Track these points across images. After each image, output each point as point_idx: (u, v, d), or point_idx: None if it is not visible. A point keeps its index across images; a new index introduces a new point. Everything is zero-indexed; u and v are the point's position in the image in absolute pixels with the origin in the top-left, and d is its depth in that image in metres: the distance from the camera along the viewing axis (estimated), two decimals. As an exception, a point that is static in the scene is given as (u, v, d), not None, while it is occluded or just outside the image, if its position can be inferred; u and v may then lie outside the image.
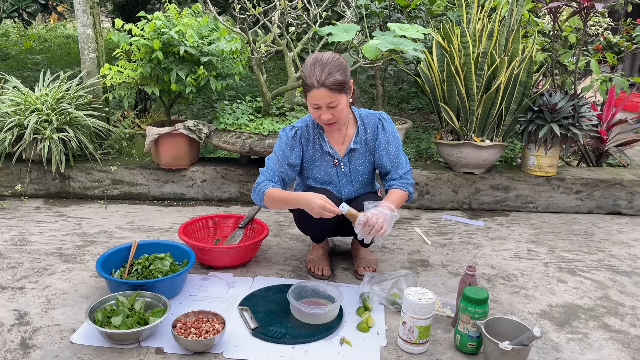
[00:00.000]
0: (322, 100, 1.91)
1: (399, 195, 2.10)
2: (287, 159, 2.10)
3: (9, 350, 1.69)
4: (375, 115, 2.15)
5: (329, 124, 2.00)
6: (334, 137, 2.15)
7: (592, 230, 2.96)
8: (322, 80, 1.88)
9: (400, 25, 2.78)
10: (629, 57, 6.57)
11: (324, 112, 1.95)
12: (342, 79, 1.91)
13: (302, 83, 1.97)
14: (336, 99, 1.92)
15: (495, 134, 3.19)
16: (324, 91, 1.89)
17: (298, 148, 2.12)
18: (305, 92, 1.97)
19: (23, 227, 2.72)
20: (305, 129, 2.13)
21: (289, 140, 2.11)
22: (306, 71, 1.94)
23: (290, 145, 2.10)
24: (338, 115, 1.96)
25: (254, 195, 2.10)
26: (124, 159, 3.36)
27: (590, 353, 1.79)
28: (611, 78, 3.71)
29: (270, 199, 2.04)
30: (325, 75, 1.88)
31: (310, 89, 1.91)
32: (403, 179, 2.15)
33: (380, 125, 2.14)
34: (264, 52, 3.12)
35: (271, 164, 2.11)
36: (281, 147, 2.11)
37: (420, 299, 1.70)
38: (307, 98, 1.97)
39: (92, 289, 2.09)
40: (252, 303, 1.99)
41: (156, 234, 2.68)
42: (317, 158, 2.15)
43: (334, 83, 1.89)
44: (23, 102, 3.06)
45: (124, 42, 2.88)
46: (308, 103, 1.98)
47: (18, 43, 7.66)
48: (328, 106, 1.93)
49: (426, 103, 5.30)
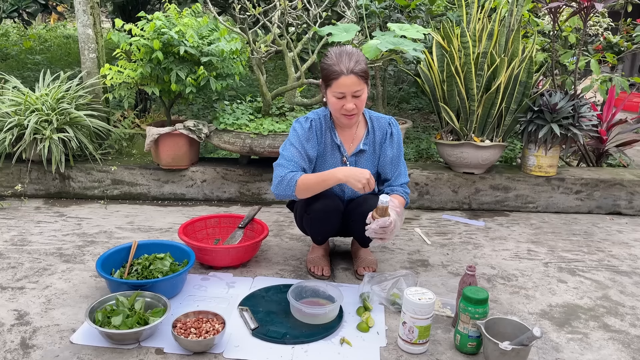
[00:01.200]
0: (350, 87, 1.92)
1: (401, 201, 2.13)
2: (306, 151, 2.06)
3: (9, 350, 1.69)
4: (385, 119, 2.17)
5: (350, 115, 1.99)
6: (344, 134, 2.15)
7: (592, 230, 2.96)
8: (351, 68, 1.90)
9: (400, 26, 2.78)
10: (629, 57, 6.57)
11: (349, 101, 1.95)
12: (367, 69, 1.97)
13: (326, 73, 1.95)
14: (362, 88, 1.95)
15: (495, 134, 3.19)
16: (353, 78, 1.91)
17: (314, 139, 2.10)
18: (330, 80, 1.94)
19: (23, 227, 2.72)
20: (319, 121, 2.12)
21: (304, 132, 2.08)
22: (331, 60, 1.94)
23: (307, 136, 2.08)
24: (360, 105, 1.98)
25: (280, 189, 2.01)
26: (124, 159, 3.36)
27: (590, 353, 1.79)
28: (611, 78, 3.71)
29: (304, 185, 1.96)
30: (354, 63, 1.91)
31: (338, 76, 1.91)
32: (403, 187, 2.19)
33: (390, 130, 2.15)
34: (264, 52, 3.12)
35: (291, 156, 2.04)
36: (298, 138, 2.06)
37: (420, 299, 1.70)
38: (331, 87, 1.95)
39: (92, 289, 2.09)
40: (252, 303, 1.99)
41: (156, 234, 2.69)
42: (327, 153, 2.15)
43: (362, 70, 1.93)
44: (23, 102, 3.06)
45: (124, 42, 2.88)
46: (330, 93, 1.97)
47: (18, 43, 7.66)
48: (353, 95, 1.94)
49: (426, 103, 5.30)
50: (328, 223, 2.14)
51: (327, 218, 2.11)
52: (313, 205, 2.09)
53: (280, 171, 2.03)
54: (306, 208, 2.13)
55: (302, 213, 2.17)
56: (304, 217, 2.16)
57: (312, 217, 2.12)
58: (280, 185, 2.01)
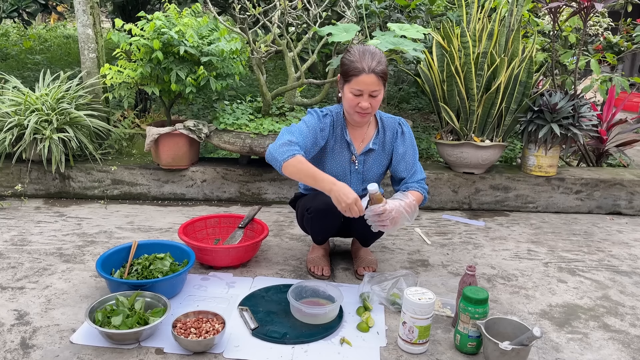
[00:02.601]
0: (369, 86, 1.93)
1: (418, 196, 2.10)
2: (315, 135, 2.03)
3: (9, 350, 1.69)
4: (395, 120, 2.18)
5: (364, 113, 2.00)
6: (355, 133, 2.16)
7: (592, 230, 2.96)
8: (372, 67, 1.92)
9: (400, 25, 2.78)
10: (629, 57, 6.57)
11: (365, 100, 1.96)
12: (387, 70, 1.99)
13: (347, 68, 1.96)
14: (380, 89, 1.97)
15: (495, 134, 3.19)
16: (374, 77, 1.93)
17: (327, 130, 2.09)
18: (350, 76, 1.95)
19: (23, 227, 2.72)
20: (335, 116, 2.13)
21: (320, 119, 2.08)
22: (354, 57, 1.96)
23: (321, 125, 2.07)
24: (375, 105, 2.00)
25: (275, 151, 1.92)
26: (124, 159, 3.36)
27: (590, 353, 1.79)
28: (611, 78, 3.71)
29: (295, 166, 1.89)
30: (376, 63, 1.94)
31: (359, 74, 1.92)
32: (420, 183, 2.15)
33: (400, 130, 2.16)
34: (264, 52, 3.12)
35: (300, 131, 1.99)
36: (312, 122, 2.04)
37: (420, 299, 1.70)
38: (349, 83, 1.95)
39: (92, 289, 2.09)
40: (252, 303, 1.99)
41: (156, 234, 2.68)
42: (337, 149, 2.15)
43: (383, 71, 1.95)
44: (23, 102, 3.06)
45: (124, 42, 2.88)
46: (348, 89, 1.97)
47: (18, 43, 7.67)
48: (370, 94, 1.96)
49: (426, 103, 5.30)
50: (328, 222, 2.14)
51: (328, 217, 2.11)
52: (314, 205, 2.09)
53: (287, 136, 1.96)
54: (307, 207, 2.13)
55: (303, 212, 2.17)
56: (305, 215, 2.16)
57: (313, 217, 2.12)
58: (279, 149, 1.92)
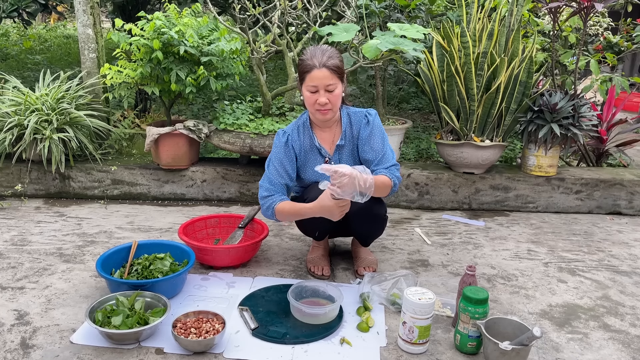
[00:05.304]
0: (322, 80, 1.95)
1: (382, 179, 2.00)
2: (284, 167, 2.12)
3: (9, 350, 1.69)
4: (362, 112, 2.16)
5: (324, 110, 2.00)
6: (324, 136, 2.17)
7: (592, 230, 2.96)
8: (323, 62, 1.95)
9: (400, 25, 2.78)
10: (629, 57, 6.56)
11: (322, 95, 1.98)
12: (340, 65, 2.01)
13: (301, 68, 2.00)
14: (335, 83, 1.97)
15: (495, 134, 3.19)
16: (326, 71, 1.95)
17: (291, 153, 2.15)
18: (303, 74, 1.98)
19: (23, 227, 2.72)
20: (296, 131, 2.17)
21: (282, 147, 2.14)
22: (306, 56, 2.00)
23: (284, 152, 2.13)
24: (334, 101, 2.00)
25: (264, 212, 2.12)
26: (124, 159, 3.36)
27: (590, 353, 1.79)
28: (611, 78, 3.71)
29: (282, 214, 2.07)
30: (327, 58, 1.97)
31: (310, 69, 1.95)
32: (390, 170, 2.08)
33: (365, 120, 2.14)
34: (264, 52, 3.12)
35: (271, 176, 2.12)
36: (277, 155, 2.13)
37: (420, 299, 1.70)
38: (304, 82, 1.99)
39: (92, 289, 2.09)
40: (252, 303, 1.99)
41: (156, 234, 2.69)
42: (310, 158, 2.17)
43: (335, 65, 1.97)
44: (23, 102, 3.06)
45: (124, 42, 2.88)
46: (305, 88, 2.00)
47: (18, 43, 7.66)
48: (326, 89, 1.97)
49: (426, 103, 5.30)
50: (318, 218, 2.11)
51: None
52: (307, 199, 2.09)
53: (261, 192, 2.13)
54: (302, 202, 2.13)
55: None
56: None
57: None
58: (263, 208, 2.12)
